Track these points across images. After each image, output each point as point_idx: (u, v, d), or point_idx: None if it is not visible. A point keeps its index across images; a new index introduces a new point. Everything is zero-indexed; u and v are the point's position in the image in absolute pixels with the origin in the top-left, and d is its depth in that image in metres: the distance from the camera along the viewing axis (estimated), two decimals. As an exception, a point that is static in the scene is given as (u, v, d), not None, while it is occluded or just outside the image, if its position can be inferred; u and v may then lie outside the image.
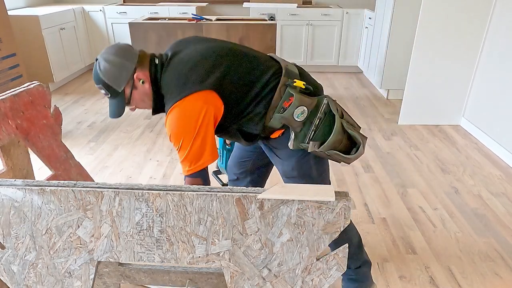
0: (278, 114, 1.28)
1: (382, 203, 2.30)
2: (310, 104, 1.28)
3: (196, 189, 0.91)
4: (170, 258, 0.97)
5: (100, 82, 1.29)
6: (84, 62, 4.79)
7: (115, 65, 1.27)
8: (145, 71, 1.30)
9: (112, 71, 1.27)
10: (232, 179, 1.73)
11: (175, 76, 1.27)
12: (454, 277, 1.76)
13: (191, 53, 1.30)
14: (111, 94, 1.31)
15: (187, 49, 1.33)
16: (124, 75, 1.28)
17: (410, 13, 3.74)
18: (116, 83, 1.28)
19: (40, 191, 0.92)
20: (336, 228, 0.91)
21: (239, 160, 1.66)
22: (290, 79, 1.30)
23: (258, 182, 1.70)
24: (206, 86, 1.23)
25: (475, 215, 2.19)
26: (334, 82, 4.71)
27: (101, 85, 1.29)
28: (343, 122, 1.29)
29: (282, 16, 4.67)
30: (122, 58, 1.28)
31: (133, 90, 1.32)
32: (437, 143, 3.06)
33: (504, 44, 2.84)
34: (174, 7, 4.71)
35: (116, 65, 1.27)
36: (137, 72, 1.29)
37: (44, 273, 1.01)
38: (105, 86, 1.29)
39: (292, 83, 1.28)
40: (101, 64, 1.27)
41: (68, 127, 3.34)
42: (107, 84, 1.28)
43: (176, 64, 1.29)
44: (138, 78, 1.30)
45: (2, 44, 3.11)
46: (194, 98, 1.22)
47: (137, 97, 1.33)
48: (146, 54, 1.34)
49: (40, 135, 1.56)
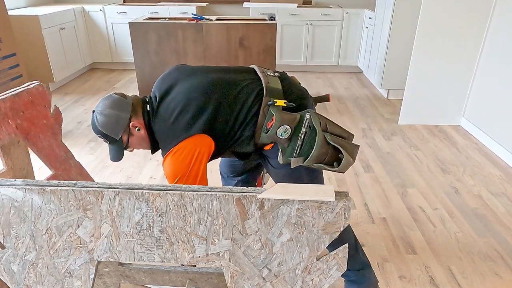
0: (263, 134, 1.33)
1: (382, 203, 2.30)
2: (293, 121, 1.31)
3: (196, 189, 0.91)
4: (170, 258, 0.97)
5: (99, 132, 1.38)
6: (84, 62, 4.79)
7: (111, 118, 1.35)
8: (140, 119, 1.38)
9: (108, 123, 1.35)
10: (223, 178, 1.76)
11: (164, 126, 1.35)
12: (454, 277, 1.76)
13: (176, 97, 1.36)
14: (110, 141, 1.39)
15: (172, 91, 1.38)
16: (120, 125, 1.36)
17: (410, 13, 3.74)
18: (113, 133, 1.37)
19: (40, 191, 0.92)
20: (336, 228, 0.91)
21: (231, 162, 1.68)
22: (272, 98, 1.33)
23: (249, 181, 1.73)
24: (194, 131, 1.31)
25: (475, 215, 2.19)
26: (334, 82, 4.71)
27: (100, 134, 1.38)
28: (326, 135, 1.29)
29: (282, 16, 4.67)
30: (116, 110, 1.36)
31: (130, 136, 1.40)
32: (437, 143, 3.06)
33: (504, 44, 2.84)
34: (174, 7, 4.71)
35: (111, 117, 1.35)
36: (132, 121, 1.37)
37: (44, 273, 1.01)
38: (104, 136, 1.38)
39: (274, 103, 1.32)
40: (98, 117, 1.36)
41: (68, 127, 3.34)
42: (105, 134, 1.37)
43: (163, 113, 1.36)
44: (134, 126, 1.38)
45: (2, 44, 3.11)
46: (184, 145, 1.31)
47: (135, 141, 1.42)
48: (139, 101, 1.41)
49: (40, 135, 1.56)
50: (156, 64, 3.51)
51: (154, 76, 3.55)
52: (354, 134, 1.91)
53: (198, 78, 1.39)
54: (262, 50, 3.44)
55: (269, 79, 1.39)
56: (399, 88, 4.04)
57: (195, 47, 3.45)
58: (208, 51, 3.46)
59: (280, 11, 4.66)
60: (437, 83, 3.26)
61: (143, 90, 3.74)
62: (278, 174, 1.45)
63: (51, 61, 4.05)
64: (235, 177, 1.73)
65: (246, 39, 3.41)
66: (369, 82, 4.68)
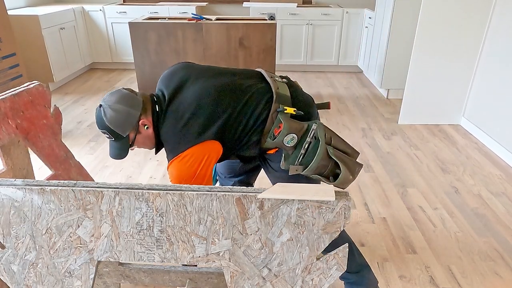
0: (269, 139, 1.33)
1: (382, 203, 2.30)
2: (300, 130, 1.30)
3: (196, 188, 0.91)
4: (170, 258, 0.97)
5: (105, 128, 1.32)
6: (84, 62, 4.79)
7: (121, 113, 1.30)
8: (149, 117, 1.35)
9: (118, 119, 1.30)
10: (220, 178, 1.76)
11: (173, 129, 1.31)
12: (454, 277, 1.76)
13: (187, 100, 1.33)
14: (115, 138, 1.34)
15: (181, 92, 1.35)
16: (129, 122, 1.31)
17: (410, 13, 3.74)
18: (121, 129, 1.32)
19: (40, 191, 0.92)
20: (336, 228, 0.91)
21: (229, 164, 1.68)
22: (282, 105, 1.33)
23: (246, 182, 1.74)
24: (205, 138, 1.29)
25: (475, 214, 2.19)
26: (334, 81, 4.71)
27: (105, 130, 1.32)
28: (329, 148, 1.29)
29: (282, 15, 4.67)
30: (127, 106, 1.31)
31: (137, 134, 1.36)
32: (437, 143, 3.06)
33: (504, 44, 2.84)
34: (174, 7, 4.71)
35: (122, 113, 1.30)
36: (141, 119, 1.33)
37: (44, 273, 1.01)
38: (110, 132, 1.32)
39: (283, 110, 1.32)
40: (107, 111, 1.30)
41: (68, 127, 3.34)
42: (112, 130, 1.32)
43: (173, 114, 1.32)
44: (143, 124, 1.34)
45: (2, 44, 3.11)
46: (193, 151, 1.29)
47: (140, 140, 1.38)
48: (148, 99, 1.37)
49: (40, 135, 1.56)
50: (156, 64, 3.51)
51: (154, 76, 3.54)
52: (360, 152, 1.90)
53: (208, 81, 1.37)
54: (262, 50, 3.44)
55: (278, 84, 1.39)
56: (399, 87, 4.04)
57: (195, 47, 3.45)
58: (208, 51, 3.46)
59: (280, 11, 4.66)
60: (437, 82, 3.26)
61: (143, 89, 3.74)
62: (278, 177, 1.46)
63: (51, 61, 4.05)
64: (232, 177, 1.73)
65: (246, 39, 3.41)
66: (369, 82, 4.68)
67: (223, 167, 1.72)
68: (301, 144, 1.31)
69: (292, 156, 1.32)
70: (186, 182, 1.31)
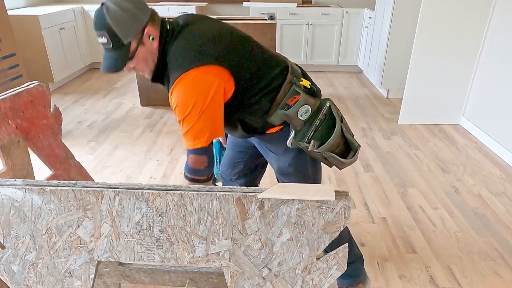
0: (281, 111, 1.26)
1: (382, 202, 2.30)
2: (314, 104, 1.29)
3: (196, 188, 0.91)
4: (170, 258, 0.97)
5: (105, 28, 1.12)
6: (84, 62, 4.79)
7: (127, 12, 1.12)
8: (156, 28, 1.19)
9: (123, 18, 1.11)
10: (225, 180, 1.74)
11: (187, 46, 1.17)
12: (454, 277, 1.76)
13: (206, 28, 1.22)
14: (113, 45, 1.14)
15: (200, 23, 1.25)
16: (135, 26, 1.13)
17: (410, 12, 3.74)
18: (124, 32, 1.13)
19: (40, 191, 0.92)
20: (336, 228, 0.91)
21: (232, 162, 1.67)
22: (296, 78, 1.30)
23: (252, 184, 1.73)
24: (221, 63, 1.16)
25: (475, 214, 2.19)
26: (334, 81, 4.71)
27: (105, 31, 1.12)
28: (343, 126, 1.31)
29: (282, 15, 4.67)
30: (135, 7, 1.14)
31: (139, 45, 1.17)
32: (437, 143, 3.06)
33: (504, 44, 2.84)
34: (174, 7, 4.71)
35: (128, 12, 1.12)
36: (148, 27, 1.16)
37: (44, 273, 1.01)
38: (110, 34, 1.12)
39: (299, 81, 1.28)
40: (111, 8, 1.11)
41: (68, 127, 3.34)
42: (114, 32, 1.12)
43: (188, 35, 1.19)
44: (149, 33, 1.17)
45: (2, 44, 3.11)
46: (207, 70, 1.14)
47: (142, 54, 1.20)
48: (158, 15, 1.23)
49: (40, 135, 1.56)
50: (156, 64, 3.50)
51: (154, 76, 3.54)
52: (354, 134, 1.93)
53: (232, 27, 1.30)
54: (262, 49, 3.44)
55: (292, 62, 1.37)
56: (399, 87, 4.04)
57: (195, 47, 3.45)
58: (208, 50, 3.46)
59: (280, 11, 4.66)
60: (437, 82, 3.26)
61: (143, 90, 3.74)
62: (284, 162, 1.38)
63: (51, 61, 4.05)
64: (237, 179, 1.71)
65: (246, 39, 3.41)
66: (369, 82, 4.68)
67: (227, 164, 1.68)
68: (310, 122, 1.28)
69: (300, 134, 1.29)
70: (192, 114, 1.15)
